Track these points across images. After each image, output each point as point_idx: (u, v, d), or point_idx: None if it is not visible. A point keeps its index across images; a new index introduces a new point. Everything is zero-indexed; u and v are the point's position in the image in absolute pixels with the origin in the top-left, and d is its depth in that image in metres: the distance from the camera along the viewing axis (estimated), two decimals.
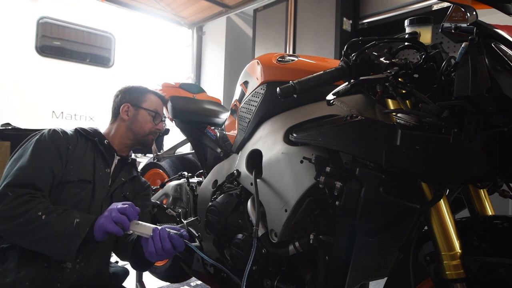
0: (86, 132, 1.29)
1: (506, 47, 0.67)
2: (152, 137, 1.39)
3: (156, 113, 1.38)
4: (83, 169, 1.20)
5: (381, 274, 0.84)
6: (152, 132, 1.37)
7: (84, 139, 1.26)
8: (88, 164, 1.23)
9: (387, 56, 0.83)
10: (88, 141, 1.27)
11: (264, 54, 1.24)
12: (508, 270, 0.65)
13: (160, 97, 1.44)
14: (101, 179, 1.24)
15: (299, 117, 1.02)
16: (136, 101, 1.37)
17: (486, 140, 0.62)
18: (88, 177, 1.20)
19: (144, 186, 1.45)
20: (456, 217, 0.78)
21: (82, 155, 1.22)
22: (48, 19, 3.67)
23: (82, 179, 1.18)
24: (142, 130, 1.35)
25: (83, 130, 1.29)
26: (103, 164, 1.27)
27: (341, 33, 2.74)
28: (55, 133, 1.19)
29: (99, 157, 1.27)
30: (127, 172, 1.36)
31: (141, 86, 1.42)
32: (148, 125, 1.36)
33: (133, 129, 1.34)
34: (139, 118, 1.35)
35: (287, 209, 0.95)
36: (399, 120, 0.73)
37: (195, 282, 2.08)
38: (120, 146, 1.35)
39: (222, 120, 1.61)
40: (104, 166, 1.27)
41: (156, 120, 1.38)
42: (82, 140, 1.26)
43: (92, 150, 1.26)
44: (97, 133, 1.32)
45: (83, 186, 1.18)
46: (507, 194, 0.84)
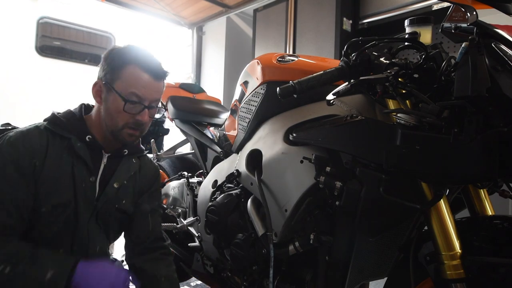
0: (60, 125, 0.96)
1: (506, 47, 0.67)
2: (130, 132, 0.98)
3: (129, 100, 0.94)
4: (58, 189, 0.92)
5: (381, 274, 0.84)
6: (128, 125, 0.97)
7: (58, 139, 0.95)
8: (65, 179, 0.93)
9: (387, 56, 0.83)
10: (64, 140, 0.96)
11: (264, 54, 1.24)
12: (508, 270, 0.65)
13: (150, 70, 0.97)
14: (84, 194, 0.96)
15: (299, 117, 1.02)
16: (109, 77, 0.96)
17: (486, 140, 0.62)
18: (65, 199, 0.92)
19: (151, 183, 1.16)
20: (456, 217, 0.78)
21: (56, 168, 0.92)
22: (48, 19, 3.67)
23: (57, 203, 0.91)
24: (113, 122, 0.96)
25: (56, 123, 0.96)
26: (85, 171, 0.96)
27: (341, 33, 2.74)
28: (13, 148, 0.88)
29: (79, 163, 0.96)
30: (123, 172, 1.06)
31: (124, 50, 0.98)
32: (119, 115, 0.95)
33: (105, 119, 0.98)
34: (109, 105, 0.96)
35: (287, 209, 0.95)
36: (399, 120, 0.72)
37: (195, 282, 2.08)
38: (103, 139, 1.01)
39: (222, 120, 1.61)
40: (86, 174, 0.97)
41: (130, 109, 0.95)
42: (55, 143, 0.94)
43: (70, 154, 0.95)
44: (76, 125, 0.99)
45: (60, 211, 0.92)
46: (507, 194, 0.83)
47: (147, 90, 0.97)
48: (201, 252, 1.41)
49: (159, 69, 1.00)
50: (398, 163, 0.72)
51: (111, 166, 1.04)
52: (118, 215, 1.06)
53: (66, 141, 0.96)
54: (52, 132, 0.95)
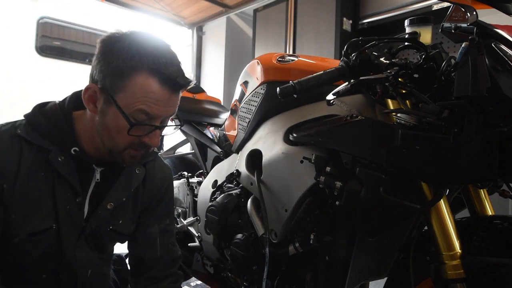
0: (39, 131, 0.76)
1: (506, 47, 0.67)
2: (132, 154, 0.79)
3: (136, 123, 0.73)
4: (35, 215, 0.75)
5: (381, 274, 0.84)
6: (133, 145, 0.77)
7: (35, 150, 0.76)
8: (44, 202, 0.76)
9: (387, 56, 0.83)
10: (43, 152, 0.76)
11: (264, 54, 1.24)
12: (508, 270, 0.65)
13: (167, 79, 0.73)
14: (68, 217, 0.79)
15: (299, 117, 1.02)
16: (109, 83, 0.72)
17: (486, 140, 0.62)
18: (45, 225, 0.76)
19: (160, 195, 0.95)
20: (456, 217, 0.78)
21: (31, 190, 0.74)
22: (48, 19, 3.67)
23: (34, 231, 0.75)
24: (111, 142, 0.77)
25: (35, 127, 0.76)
26: (69, 192, 0.79)
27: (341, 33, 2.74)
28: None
29: (61, 181, 0.78)
30: (121, 189, 0.86)
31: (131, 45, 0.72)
32: (121, 137, 0.75)
33: (101, 135, 0.78)
34: (108, 121, 0.75)
35: (287, 209, 0.95)
36: (399, 120, 0.72)
37: (195, 282, 2.08)
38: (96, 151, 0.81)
39: (222, 120, 1.61)
40: (71, 195, 0.79)
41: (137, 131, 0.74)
42: (30, 156, 0.75)
43: (50, 169, 0.77)
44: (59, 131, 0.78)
45: (39, 239, 0.76)
46: (507, 194, 0.83)
47: (161, 107, 0.74)
48: (201, 252, 1.41)
49: (179, 77, 0.74)
50: (398, 163, 0.72)
51: (105, 180, 0.84)
52: (113, 236, 0.90)
53: (45, 153, 0.76)
54: (27, 141, 0.76)
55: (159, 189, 0.96)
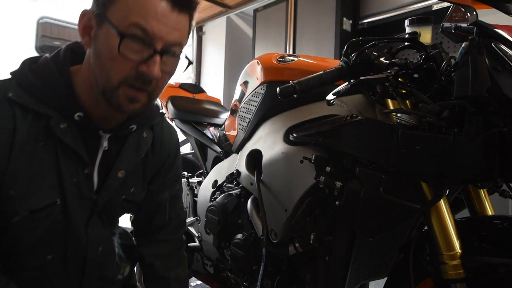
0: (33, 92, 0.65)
1: (506, 47, 0.67)
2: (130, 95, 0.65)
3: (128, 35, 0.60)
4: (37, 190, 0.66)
5: (381, 274, 0.84)
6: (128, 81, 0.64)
7: (31, 117, 0.65)
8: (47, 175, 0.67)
9: (387, 56, 0.83)
10: (40, 118, 0.66)
11: (264, 54, 1.24)
12: (508, 270, 0.65)
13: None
14: (77, 191, 0.71)
15: (299, 117, 1.02)
16: (101, 2, 0.62)
17: (486, 140, 0.62)
18: (49, 200, 0.68)
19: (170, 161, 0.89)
20: (456, 217, 0.78)
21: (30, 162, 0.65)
22: (48, 19, 3.67)
23: (36, 208, 0.67)
24: (104, 75, 0.64)
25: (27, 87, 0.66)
26: (76, 163, 0.70)
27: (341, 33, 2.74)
28: None
29: (66, 151, 0.68)
30: (130, 155, 0.78)
31: None
32: (113, 64, 0.62)
33: (95, 71, 0.66)
34: (99, 45, 0.64)
35: (287, 209, 0.95)
36: (399, 120, 0.72)
37: (195, 282, 2.08)
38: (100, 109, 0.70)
39: (222, 120, 1.61)
40: (78, 166, 0.71)
41: (130, 51, 0.61)
42: (25, 123, 0.64)
43: (51, 139, 0.67)
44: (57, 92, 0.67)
45: (43, 215, 0.68)
46: (507, 194, 0.83)
47: (161, 23, 0.61)
48: (201, 252, 1.41)
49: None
50: (398, 163, 0.72)
51: (113, 147, 0.75)
52: (126, 205, 0.83)
53: (44, 120, 0.65)
54: (21, 106, 0.64)
55: (169, 154, 0.89)
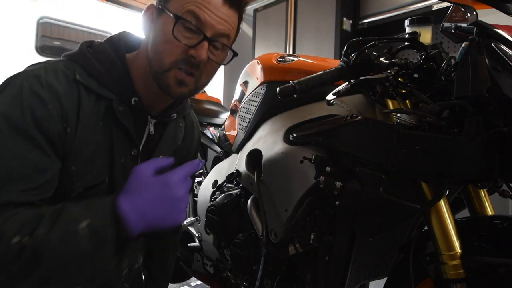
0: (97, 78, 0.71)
1: (506, 47, 0.67)
2: (180, 77, 0.71)
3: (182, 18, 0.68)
4: (94, 166, 0.71)
5: (381, 274, 0.84)
6: (178, 64, 0.70)
7: (93, 98, 0.70)
8: (102, 153, 0.72)
9: (387, 56, 0.83)
10: (101, 100, 0.71)
11: (264, 54, 1.24)
12: (508, 270, 0.65)
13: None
14: (122, 171, 0.75)
15: (299, 117, 1.02)
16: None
17: (486, 140, 0.62)
18: (101, 178, 0.73)
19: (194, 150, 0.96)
20: (456, 217, 0.78)
21: (90, 139, 0.69)
22: (48, 19, 3.67)
23: (91, 185, 0.71)
24: (158, 58, 0.71)
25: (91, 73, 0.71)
26: (126, 143, 0.75)
27: (341, 33, 2.74)
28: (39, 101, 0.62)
29: (119, 131, 0.74)
30: (169, 142, 0.85)
31: None
32: (167, 47, 0.69)
33: (150, 56, 0.73)
34: (157, 32, 0.72)
35: (287, 209, 0.95)
36: (399, 120, 0.72)
37: (195, 282, 2.08)
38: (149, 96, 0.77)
39: (222, 120, 1.61)
40: (127, 146, 0.76)
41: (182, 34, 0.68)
42: (89, 103, 0.70)
43: (109, 119, 0.72)
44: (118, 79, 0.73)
45: (93, 192, 0.72)
46: (507, 194, 0.83)
47: (212, 13, 0.69)
48: (201, 252, 1.41)
49: None
50: (398, 163, 0.72)
51: (156, 133, 0.82)
52: None
53: (104, 102, 0.71)
54: (86, 87, 0.70)
55: (195, 144, 0.95)
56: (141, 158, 0.79)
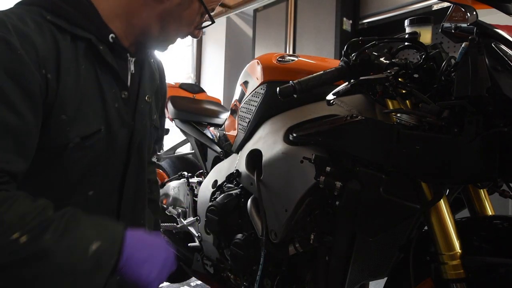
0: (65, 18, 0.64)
1: (506, 47, 0.67)
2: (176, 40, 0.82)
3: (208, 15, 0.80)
4: (85, 114, 0.66)
5: (381, 274, 0.84)
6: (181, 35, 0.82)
7: (69, 39, 0.64)
8: (91, 98, 0.67)
9: (387, 56, 0.83)
10: (78, 40, 0.66)
11: (264, 54, 1.24)
12: (508, 270, 0.65)
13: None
14: (118, 117, 0.72)
15: (299, 117, 1.02)
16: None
17: (486, 140, 0.62)
18: (94, 125, 0.68)
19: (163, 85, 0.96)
20: (456, 217, 0.78)
21: (75, 84, 0.64)
22: None
23: (86, 134, 0.66)
24: (176, 32, 0.79)
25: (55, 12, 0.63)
26: (115, 85, 0.72)
27: (341, 33, 2.74)
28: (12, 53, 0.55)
29: (105, 74, 0.70)
30: (149, 81, 0.83)
31: None
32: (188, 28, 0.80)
33: (164, 24, 0.75)
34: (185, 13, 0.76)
35: (287, 209, 0.95)
36: (399, 120, 0.73)
37: (195, 282, 2.08)
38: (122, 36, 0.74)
39: (222, 120, 1.61)
40: (117, 89, 0.72)
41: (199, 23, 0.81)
42: (66, 42, 0.64)
43: (91, 62, 0.68)
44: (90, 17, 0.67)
45: (90, 143, 0.67)
46: (507, 194, 0.83)
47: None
48: (201, 252, 1.41)
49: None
50: (398, 163, 0.72)
51: (135, 75, 0.78)
52: (153, 133, 0.88)
53: (81, 42, 0.66)
54: (59, 27, 0.63)
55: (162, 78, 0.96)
56: (130, 99, 0.75)
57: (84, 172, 0.69)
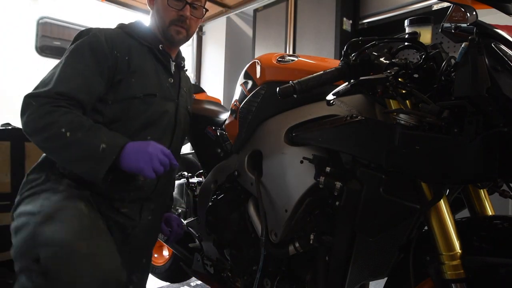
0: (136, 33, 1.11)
1: (506, 47, 0.67)
2: (177, 29, 1.13)
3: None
4: (147, 81, 1.07)
5: (381, 274, 0.84)
6: (174, 21, 1.13)
7: (138, 43, 1.10)
8: (152, 75, 1.09)
9: (387, 56, 0.83)
10: (143, 45, 1.11)
11: (264, 54, 1.24)
12: (508, 270, 0.65)
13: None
14: (168, 92, 1.13)
15: (299, 117, 1.02)
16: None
17: (486, 140, 0.62)
18: (153, 90, 1.07)
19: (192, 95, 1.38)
20: (456, 217, 0.78)
21: (143, 63, 1.07)
22: (48, 19, 3.67)
23: (147, 93, 1.06)
24: (161, 19, 1.14)
25: (131, 30, 1.12)
26: (165, 74, 1.14)
27: (341, 33, 2.74)
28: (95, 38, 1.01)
29: (159, 65, 1.13)
30: (185, 81, 1.27)
31: None
32: (165, 12, 1.13)
33: (156, 20, 1.15)
34: (158, 5, 1.14)
35: (287, 209, 0.95)
36: (399, 120, 0.72)
37: (195, 282, 2.08)
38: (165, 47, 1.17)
39: (222, 120, 1.60)
40: (167, 76, 1.15)
41: (174, 4, 1.11)
42: (136, 44, 1.09)
43: (151, 56, 1.12)
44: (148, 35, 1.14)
45: (150, 101, 1.06)
46: (507, 194, 0.83)
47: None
48: (201, 252, 1.41)
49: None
50: (398, 163, 0.72)
51: (176, 73, 1.20)
52: (187, 117, 1.26)
53: (146, 47, 1.10)
54: (131, 36, 1.09)
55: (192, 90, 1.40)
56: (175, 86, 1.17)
57: (145, 122, 1.06)
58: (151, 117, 1.07)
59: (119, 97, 1.03)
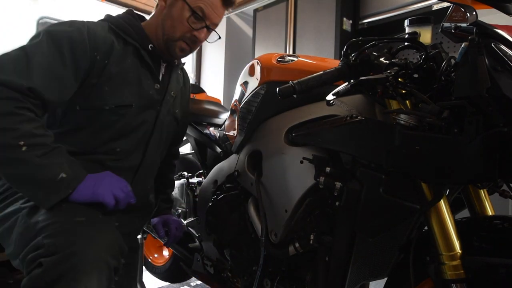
0: (122, 30, 0.98)
1: (506, 47, 0.66)
2: (183, 47, 1.03)
3: (196, 14, 0.98)
4: (123, 91, 0.94)
5: (381, 274, 0.84)
6: (185, 38, 1.01)
7: (122, 43, 0.97)
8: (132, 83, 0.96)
9: (387, 56, 0.82)
10: (128, 45, 0.98)
11: (264, 54, 1.24)
12: (508, 270, 0.64)
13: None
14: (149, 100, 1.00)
15: (299, 117, 1.02)
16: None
17: (486, 140, 0.62)
18: (129, 101, 0.95)
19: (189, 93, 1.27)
20: (456, 217, 0.78)
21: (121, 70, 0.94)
22: (48, 19, 3.67)
23: (121, 104, 0.94)
24: (171, 30, 1.00)
25: (119, 27, 0.98)
26: (150, 78, 1.01)
27: (341, 33, 2.74)
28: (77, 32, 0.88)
29: (144, 68, 1.00)
30: (175, 83, 1.12)
31: None
32: (179, 25, 1.00)
33: (164, 25, 1.02)
34: (174, 11, 1.00)
35: (287, 209, 0.95)
36: (399, 120, 0.72)
37: (195, 282, 2.08)
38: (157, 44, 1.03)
39: (222, 120, 1.61)
40: (152, 81, 1.02)
41: (193, 22, 0.99)
42: (119, 45, 0.96)
43: (135, 59, 0.98)
44: (137, 32, 1.00)
45: (123, 112, 0.95)
46: (507, 194, 0.83)
47: (213, 10, 1.02)
48: (201, 252, 1.41)
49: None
50: (398, 163, 0.72)
51: (166, 74, 1.09)
52: (172, 123, 1.15)
53: (131, 47, 0.98)
54: (116, 33, 0.97)
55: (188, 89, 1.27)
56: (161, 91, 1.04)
57: (116, 132, 0.95)
58: (122, 129, 0.97)
59: (88, 105, 0.92)
